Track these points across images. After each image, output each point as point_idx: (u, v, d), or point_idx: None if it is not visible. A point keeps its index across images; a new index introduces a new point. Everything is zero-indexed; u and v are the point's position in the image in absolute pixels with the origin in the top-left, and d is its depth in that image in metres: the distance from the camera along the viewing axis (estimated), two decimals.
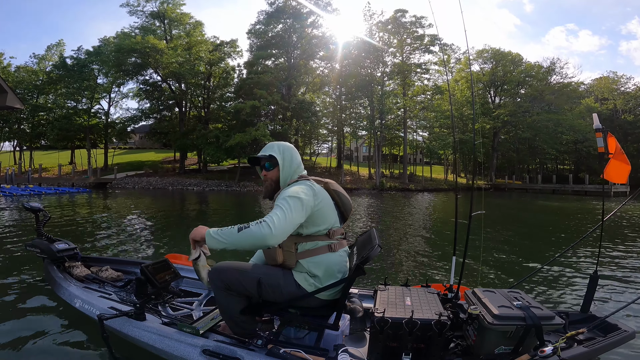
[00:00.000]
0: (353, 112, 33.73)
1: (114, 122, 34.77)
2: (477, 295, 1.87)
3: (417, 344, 1.61)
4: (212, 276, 1.77)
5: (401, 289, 2.02)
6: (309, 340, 1.87)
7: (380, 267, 4.50)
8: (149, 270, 2.30)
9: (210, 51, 31.70)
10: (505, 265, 4.88)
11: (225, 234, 1.55)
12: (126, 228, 7.34)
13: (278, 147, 1.88)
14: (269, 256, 1.81)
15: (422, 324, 1.60)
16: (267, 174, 1.88)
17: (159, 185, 26.87)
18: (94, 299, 2.30)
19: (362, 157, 49.15)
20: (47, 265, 2.91)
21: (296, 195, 1.63)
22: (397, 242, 6.52)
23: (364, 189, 28.19)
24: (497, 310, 1.66)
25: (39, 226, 3.07)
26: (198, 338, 1.81)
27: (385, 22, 30.40)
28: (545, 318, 1.65)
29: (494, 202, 19.15)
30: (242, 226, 1.53)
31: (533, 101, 34.90)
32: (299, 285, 1.73)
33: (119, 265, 3.10)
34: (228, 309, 1.80)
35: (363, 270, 1.67)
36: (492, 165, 38.51)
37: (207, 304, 2.56)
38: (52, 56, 34.07)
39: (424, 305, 1.79)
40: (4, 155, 38.28)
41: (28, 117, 32.52)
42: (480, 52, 37.48)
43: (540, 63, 37.44)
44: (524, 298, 1.82)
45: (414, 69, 31.14)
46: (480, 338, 1.68)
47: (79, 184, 24.76)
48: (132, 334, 1.94)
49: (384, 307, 1.74)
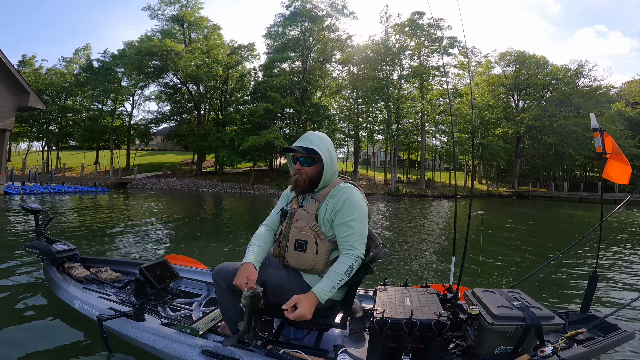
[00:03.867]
0: (370, 116, 33.43)
1: (137, 124, 35.86)
2: (477, 296, 1.88)
3: (417, 345, 1.61)
4: (215, 277, 1.76)
5: (400, 289, 2.03)
6: (308, 341, 1.89)
7: (380, 268, 4.50)
8: (148, 270, 2.30)
9: (228, 54, 32.23)
10: (505, 266, 4.86)
11: (338, 285, 1.60)
12: (127, 229, 7.35)
13: (321, 142, 1.74)
14: (298, 260, 1.72)
15: (422, 324, 1.60)
16: (302, 169, 1.75)
17: (176, 187, 27.30)
18: (93, 300, 2.29)
19: (380, 162, 48.65)
20: (46, 266, 2.91)
21: (364, 215, 1.69)
22: (398, 243, 6.47)
23: (378, 195, 27.80)
24: (497, 311, 1.67)
25: (39, 227, 3.07)
26: (197, 339, 1.80)
27: (402, 25, 30.03)
28: (544, 318, 1.65)
29: (513, 210, 18.33)
30: (347, 270, 1.60)
31: (560, 105, 33.56)
32: (308, 286, 1.68)
33: (118, 266, 3.09)
34: (230, 310, 1.76)
35: (371, 269, 1.68)
36: (515, 172, 37.23)
37: (207, 304, 2.57)
38: (80, 59, 35.63)
39: (423, 305, 1.79)
40: (34, 155, 40.18)
41: (57, 118, 34.02)
42: (503, 54, 36.48)
43: (567, 66, 36.12)
44: (523, 298, 1.82)
45: (432, 72, 30.59)
46: (480, 338, 1.69)
47: (100, 184, 25.51)
48: (131, 334, 1.93)
49: (383, 308, 1.73)
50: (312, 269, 1.69)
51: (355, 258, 1.61)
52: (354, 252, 1.61)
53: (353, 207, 1.65)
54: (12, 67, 14.49)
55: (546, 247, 6.92)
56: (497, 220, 11.82)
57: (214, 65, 30.48)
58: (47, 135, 35.01)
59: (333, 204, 1.68)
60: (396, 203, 20.37)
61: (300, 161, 1.74)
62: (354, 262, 1.61)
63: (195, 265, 3.01)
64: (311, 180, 1.75)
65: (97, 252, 4.91)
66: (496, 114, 34.81)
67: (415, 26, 30.00)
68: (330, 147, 1.77)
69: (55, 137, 35.18)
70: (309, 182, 1.75)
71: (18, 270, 3.68)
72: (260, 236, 1.83)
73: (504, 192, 36.19)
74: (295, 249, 1.69)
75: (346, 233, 1.63)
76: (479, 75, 37.17)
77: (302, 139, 1.75)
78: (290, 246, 1.71)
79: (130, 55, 28.55)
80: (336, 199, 1.67)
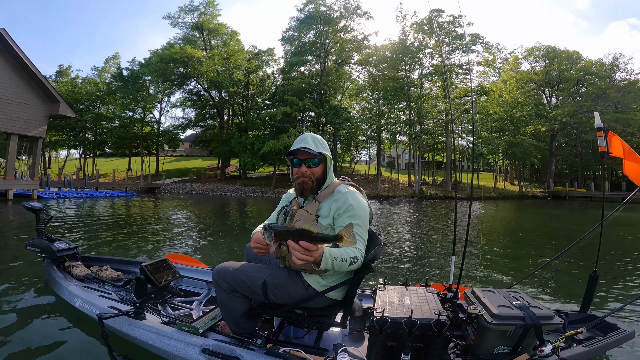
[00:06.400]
0: (392, 117, 32.86)
1: (165, 131, 37.25)
2: (477, 295, 1.87)
3: (417, 344, 1.61)
4: (215, 277, 1.76)
5: (400, 288, 2.03)
6: (308, 340, 1.90)
7: (380, 267, 4.51)
8: (149, 269, 2.32)
9: (248, 60, 32.76)
10: (505, 266, 4.88)
11: (342, 262, 1.55)
12: (140, 229, 7.55)
13: (321, 141, 1.77)
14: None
15: (422, 323, 1.60)
16: (309, 171, 1.75)
17: (201, 191, 27.99)
18: (93, 299, 2.30)
19: (405, 164, 47.75)
20: (47, 264, 2.94)
21: (367, 220, 1.70)
22: (399, 244, 6.46)
23: (401, 197, 27.17)
24: (497, 310, 1.67)
25: (40, 226, 3.11)
26: (198, 337, 1.81)
27: (420, 23, 29.35)
28: (544, 318, 1.64)
29: (543, 212, 17.16)
30: (353, 257, 1.58)
31: (596, 100, 31.51)
32: (308, 285, 1.71)
33: (119, 265, 3.10)
34: (231, 310, 1.77)
35: (372, 268, 1.68)
36: (550, 171, 35.26)
37: (207, 303, 2.56)
38: (110, 68, 37.44)
39: (423, 305, 1.79)
40: (72, 162, 42.71)
41: (92, 126, 35.98)
42: (531, 50, 34.79)
43: (601, 60, 33.99)
44: (523, 298, 1.82)
45: (455, 70, 29.63)
46: (480, 338, 1.69)
47: (131, 189, 26.73)
48: (131, 333, 1.94)
49: (383, 307, 1.74)
50: (313, 269, 1.66)
51: (361, 255, 1.61)
52: (359, 253, 1.62)
53: (356, 211, 1.66)
54: (42, 77, 15.47)
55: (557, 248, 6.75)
56: (520, 222, 11.19)
57: (234, 71, 31.06)
58: (84, 143, 37.05)
59: (337, 206, 1.69)
60: (418, 205, 19.79)
61: (306, 163, 1.74)
62: (359, 257, 1.60)
63: (195, 265, 3.01)
64: (318, 181, 1.76)
65: (104, 251, 5.02)
66: (526, 111, 33.18)
67: (434, 24, 29.30)
68: (327, 145, 1.81)
69: (91, 145, 37.15)
70: (316, 183, 1.75)
71: (19, 268, 3.74)
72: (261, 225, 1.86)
73: (538, 193, 34.34)
74: None
75: None
76: (506, 72, 35.64)
77: (303, 140, 1.74)
78: None
79: (154, 63, 29.57)
80: (340, 202, 1.68)
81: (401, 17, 30.26)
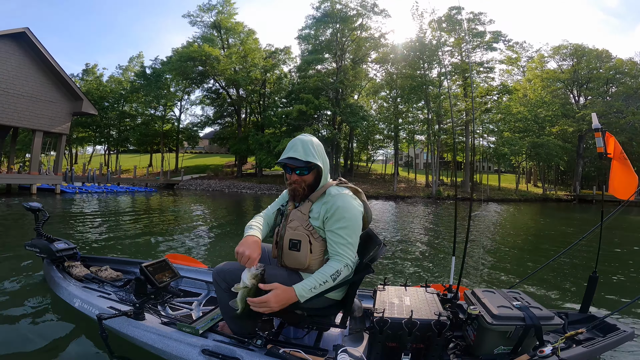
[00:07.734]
0: (410, 116, 32.29)
1: (185, 128, 38.02)
2: (477, 296, 1.87)
3: (417, 344, 1.61)
4: (215, 277, 1.76)
5: (400, 289, 2.02)
6: (308, 340, 1.90)
7: (380, 267, 4.46)
8: (148, 269, 2.30)
9: (265, 58, 32.96)
10: (505, 266, 4.86)
11: (321, 287, 1.57)
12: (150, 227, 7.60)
13: (312, 147, 1.71)
14: (293, 260, 1.72)
15: (422, 324, 1.60)
16: (300, 179, 1.73)
17: (217, 188, 28.39)
18: (93, 299, 2.30)
19: (423, 164, 46.91)
20: (46, 264, 2.94)
21: (356, 223, 1.67)
22: (403, 245, 6.37)
23: (418, 197, 26.64)
24: (497, 311, 1.67)
25: (38, 225, 3.09)
26: (197, 338, 1.80)
27: (439, 21, 28.62)
28: (544, 318, 1.64)
29: (566, 215, 16.19)
30: (334, 274, 1.59)
31: (627, 100, 29.93)
32: None
33: (119, 265, 3.09)
34: (231, 310, 1.73)
35: (372, 269, 1.68)
36: (577, 173, 33.87)
37: (207, 303, 2.56)
38: (134, 67, 38.51)
39: (423, 305, 1.79)
40: (97, 158, 44.35)
41: (116, 124, 37.19)
42: (557, 48, 33.35)
43: (633, 59, 32.27)
44: (523, 298, 1.82)
45: (475, 68, 28.77)
46: (480, 338, 1.69)
47: (151, 185, 27.47)
48: (131, 333, 1.94)
49: (383, 307, 1.74)
50: (308, 268, 1.69)
51: (344, 265, 1.61)
52: (343, 259, 1.62)
53: (344, 215, 1.64)
54: (65, 75, 15.98)
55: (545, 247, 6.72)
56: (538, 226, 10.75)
57: (251, 69, 31.33)
58: (108, 140, 38.35)
59: (325, 209, 1.67)
60: (435, 206, 19.32)
61: (297, 173, 1.72)
62: (343, 268, 1.61)
63: (195, 265, 2.99)
64: (310, 187, 1.75)
65: (110, 247, 5.07)
66: (552, 111, 31.85)
67: (453, 21, 28.45)
68: (320, 149, 1.75)
69: (115, 141, 38.41)
70: (307, 190, 1.75)
71: (17, 269, 3.74)
72: (256, 220, 1.84)
73: (563, 196, 32.95)
74: (290, 248, 1.71)
75: (336, 240, 1.64)
76: (531, 71, 34.30)
77: (293, 148, 1.70)
78: (286, 246, 1.72)
79: (174, 61, 30.20)
80: (329, 205, 1.66)
81: (418, 14, 29.70)
